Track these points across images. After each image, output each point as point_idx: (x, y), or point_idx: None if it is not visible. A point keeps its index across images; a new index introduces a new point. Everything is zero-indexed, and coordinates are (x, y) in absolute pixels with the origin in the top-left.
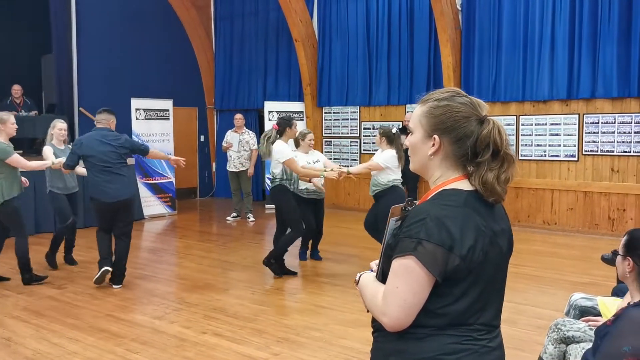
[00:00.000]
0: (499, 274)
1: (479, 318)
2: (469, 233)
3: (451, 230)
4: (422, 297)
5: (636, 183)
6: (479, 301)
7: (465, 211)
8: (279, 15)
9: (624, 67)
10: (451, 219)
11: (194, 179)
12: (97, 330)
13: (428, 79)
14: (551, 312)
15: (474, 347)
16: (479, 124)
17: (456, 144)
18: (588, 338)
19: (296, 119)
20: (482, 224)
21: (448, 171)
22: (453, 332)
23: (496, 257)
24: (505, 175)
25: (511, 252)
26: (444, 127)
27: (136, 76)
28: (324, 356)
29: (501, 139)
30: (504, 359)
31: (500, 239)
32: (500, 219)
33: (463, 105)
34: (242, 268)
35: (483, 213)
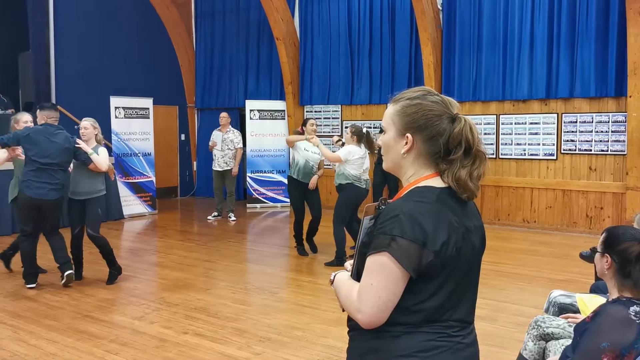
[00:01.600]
0: (472, 271)
1: (453, 314)
2: (442, 229)
3: (424, 226)
4: (397, 294)
5: (613, 181)
6: (452, 297)
7: (438, 207)
8: (260, 13)
9: (601, 67)
10: (424, 215)
11: (175, 178)
12: (76, 332)
13: (409, 78)
14: (530, 309)
15: (449, 343)
16: (450, 122)
17: (429, 142)
18: (567, 334)
19: (278, 118)
20: (454, 220)
21: (421, 169)
22: (428, 329)
23: (469, 253)
24: (477, 172)
25: (484, 248)
26: (416, 126)
27: (115, 74)
28: (305, 355)
29: (473, 137)
30: (478, 354)
31: (473, 236)
32: (472, 216)
33: (435, 104)
34: (224, 267)
35: (456, 209)
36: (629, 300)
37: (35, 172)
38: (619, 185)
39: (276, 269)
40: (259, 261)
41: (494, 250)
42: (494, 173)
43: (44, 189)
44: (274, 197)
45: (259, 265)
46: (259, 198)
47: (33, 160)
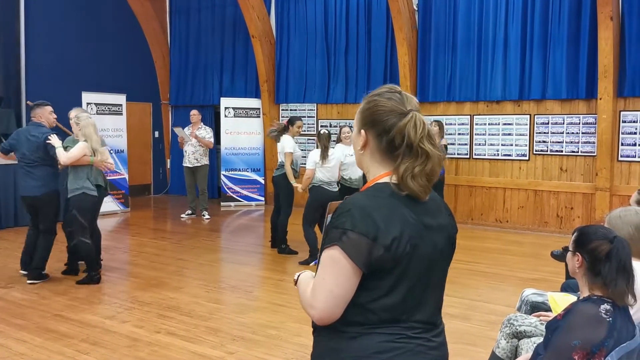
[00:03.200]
0: (434, 270)
1: (413, 315)
2: (394, 224)
3: (376, 220)
4: (348, 289)
5: (583, 182)
6: (410, 297)
7: (392, 202)
8: (236, 10)
9: (572, 70)
10: (376, 210)
11: (148, 175)
12: (45, 331)
13: (384, 78)
14: (503, 308)
15: (409, 345)
16: (399, 118)
17: (378, 137)
18: (539, 332)
19: (253, 116)
20: (410, 217)
21: (379, 166)
22: (385, 330)
23: (427, 251)
24: (420, 169)
25: (452, 248)
26: (369, 122)
27: (87, 69)
28: (280, 354)
29: (415, 132)
30: (444, 357)
31: (434, 234)
32: (437, 214)
33: (388, 100)
34: (197, 266)
35: (413, 206)
36: (599, 298)
37: (22, 170)
38: (589, 186)
39: (250, 268)
40: (233, 260)
41: (467, 249)
42: (468, 173)
43: (29, 186)
44: (249, 195)
45: (233, 263)
46: (233, 196)
47: (19, 160)
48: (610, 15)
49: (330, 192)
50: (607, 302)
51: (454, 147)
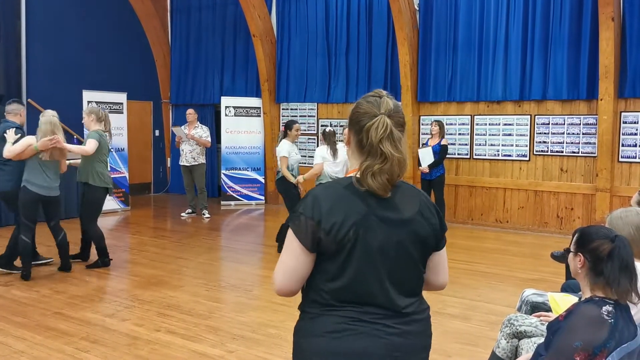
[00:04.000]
0: (392, 260)
1: (368, 300)
2: (338, 212)
3: (321, 206)
4: (299, 265)
5: (583, 183)
6: (362, 282)
7: (343, 193)
8: (237, 9)
9: (573, 70)
10: (325, 198)
11: (148, 174)
12: (45, 329)
13: (385, 77)
14: (503, 308)
15: (363, 328)
16: (370, 120)
17: (355, 136)
18: (539, 333)
19: (254, 115)
20: (361, 208)
21: (355, 161)
22: (340, 313)
23: (378, 241)
24: (379, 168)
25: (417, 242)
26: (351, 121)
27: (88, 68)
28: (279, 353)
29: (376, 133)
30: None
31: (390, 227)
32: (402, 210)
33: (367, 103)
34: (197, 265)
35: (369, 200)
36: (601, 299)
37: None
38: (589, 187)
39: (250, 267)
40: (233, 259)
41: (467, 249)
42: (468, 173)
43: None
44: (249, 194)
45: (233, 262)
46: (233, 195)
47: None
48: (612, 16)
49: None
50: (609, 304)
51: (455, 147)
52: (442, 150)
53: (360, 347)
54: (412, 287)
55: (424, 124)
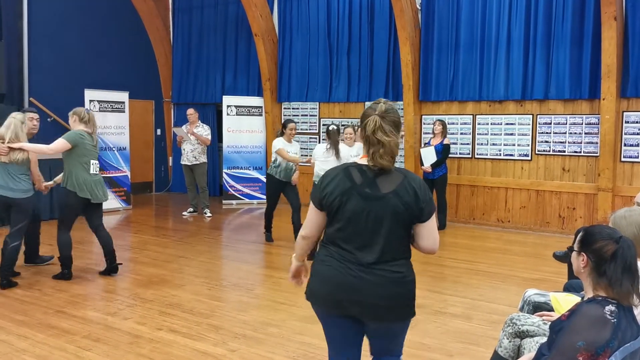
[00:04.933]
0: (359, 223)
1: (345, 244)
2: (330, 185)
3: (323, 181)
4: (315, 219)
5: (586, 182)
6: (343, 233)
7: (339, 174)
8: (239, 8)
9: (575, 70)
10: (327, 176)
11: (150, 173)
12: (47, 327)
13: (387, 77)
14: (504, 308)
15: (334, 263)
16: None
17: (362, 132)
18: (542, 332)
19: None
20: (347, 185)
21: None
22: (330, 248)
23: (352, 208)
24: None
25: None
26: (360, 122)
27: (90, 67)
28: (281, 352)
29: (366, 127)
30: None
31: (366, 199)
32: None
33: (369, 109)
34: (199, 264)
35: (356, 179)
36: (604, 299)
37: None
38: (591, 187)
39: (252, 266)
40: (234, 257)
41: (468, 249)
42: (470, 173)
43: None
44: (250, 193)
45: (235, 261)
46: (235, 194)
47: None
48: (614, 15)
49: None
50: (611, 303)
51: (456, 147)
52: (445, 149)
53: (330, 274)
54: (380, 248)
55: (425, 123)
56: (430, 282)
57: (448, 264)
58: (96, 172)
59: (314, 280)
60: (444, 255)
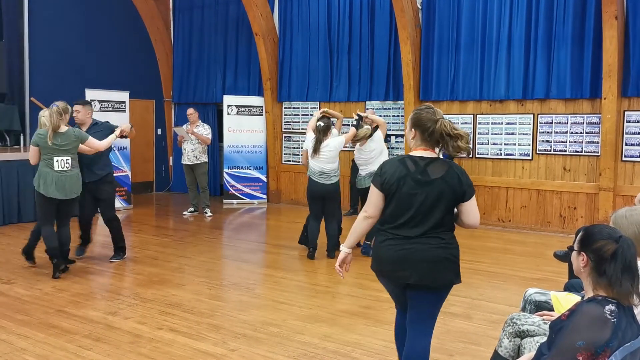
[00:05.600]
0: (415, 201)
1: (398, 221)
2: (390, 172)
3: (383, 168)
4: (376, 201)
5: (587, 182)
6: (398, 212)
7: (396, 162)
8: (239, 8)
9: (577, 69)
10: (387, 164)
11: (151, 172)
12: (48, 327)
13: (388, 76)
14: (505, 307)
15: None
16: (434, 123)
17: (421, 133)
18: (542, 332)
19: (256, 114)
20: (403, 171)
21: (417, 146)
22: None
23: (407, 191)
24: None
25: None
26: (415, 125)
27: (91, 66)
28: (281, 352)
29: (446, 127)
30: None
31: (418, 184)
32: (430, 174)
33: (427, 113)
34: (199, 263)
35: (410, 168)
36: (604, 299)
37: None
38: (592, 186)
39: (252, 265)
40: (235, 257)
41: (469, 248)
42: (470, 172)
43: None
44: (251, 193)
45: (235, 261)
46: (235, 194)
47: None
48: (615, 15)
49: (319, 184)
50: (611, 303)
51: None
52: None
53: (388, 254)
54: (428, 222)
55: None
56: None
57: None
58: (63, 168)
59: (375, 261)
60: None
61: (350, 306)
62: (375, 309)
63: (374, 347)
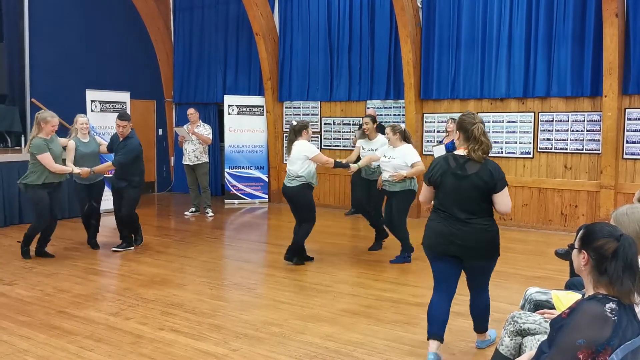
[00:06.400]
0: (457, 193)
1: (445, 210)
2: (435, 168)
3: (430, 166)
4: (428, 192)
5: (588, 180)
6: (444, 201)
7: (441, 160)
8: (240, 7)
9: (577, 67)
10: (434, 162)
11: (152, 173)
12: (49, 328)
13: (388, 75)
14: (506, 306)
15: (442, 220)
16: (472, 125)
17: (464, 134)
18: (543, 330)
19: (257, 114)
20: (445, 167)
21: (460, 146)
22: (436, 213)
23: (449, 183)
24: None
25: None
26: (459, 128)
27: (92, 67)
28: (283, 351)
29: (477, 132)
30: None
31: (457, 178)
32: (467, 170)
33: (468, 117)
34: (201, 263)
35: (451, 164)
36: (604, 297)
37: None
38: (594, 184)
39: (254, 265)
40: (236, 257)
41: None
42: None
43: None
44: (252, 193)
45: (237, 261)
46: (237, 194)
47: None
48: (616, 12)
49: (284, 185)
50: (612, 301)
51: None
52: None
53: (438, 229)
54: (469, 209)
55: (427, 121)
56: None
57: None
58: None
59: (427, 233)
60: None
61: (352, 305)
62: (377, 308)
63: (376, 347)
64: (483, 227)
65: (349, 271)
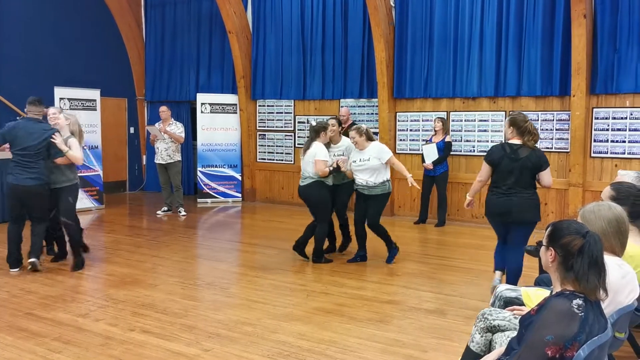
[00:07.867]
0: (509, 172)
1: (501, 183)
2: (495, 152)
3: (489, 151)
4: (486, 171)
5: (557, 178)
6: (501, 177)
7: (498, 147)
8: (212, 5)
9: (547, 67)
10: (492, 148)
11: (123, 171)
12: (16, 330)
13: (361, 74)
14: (478, 303)
15: (498, 193)
16: (525, 123)
17: (517, 129)
18: (513, 327)
19: (230, 112)
20: (502, 152)
21: (513, 137)
22: (494, 188)
23: (505, 164)
24: (533, 139)
25: (523, 168)
26: (512, 124)
27: (60, 64)
28: (256, 351)
29: (532, 127)
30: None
31: (512, 161)
32: (519, 154)
33: (519, 115)
34: (173, 263)
35: (507, 150)
36: (572, 293)
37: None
38: (562, 182)
39: (227, 264)
40: (209, 256)
41: (443, 245)
42: None
43: (22, 177)
44: (225, 191)
45: (210, 260)
46: (209, 193)
47: (14, 153)
48: (584, 13)
49: (300, 186)
50: (579, 297)
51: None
52: (447, 146)
53: (496, 201)
54: (521, 184)
55: (400, 120)
56: (407, 278)
57: (423, 260)
58: None
59: (488, 204)
60: (419, 252)
61: (325, 304)
62: (350, 306)
63: (348, 345)
64: (527, 196)
65: (322, 270)
